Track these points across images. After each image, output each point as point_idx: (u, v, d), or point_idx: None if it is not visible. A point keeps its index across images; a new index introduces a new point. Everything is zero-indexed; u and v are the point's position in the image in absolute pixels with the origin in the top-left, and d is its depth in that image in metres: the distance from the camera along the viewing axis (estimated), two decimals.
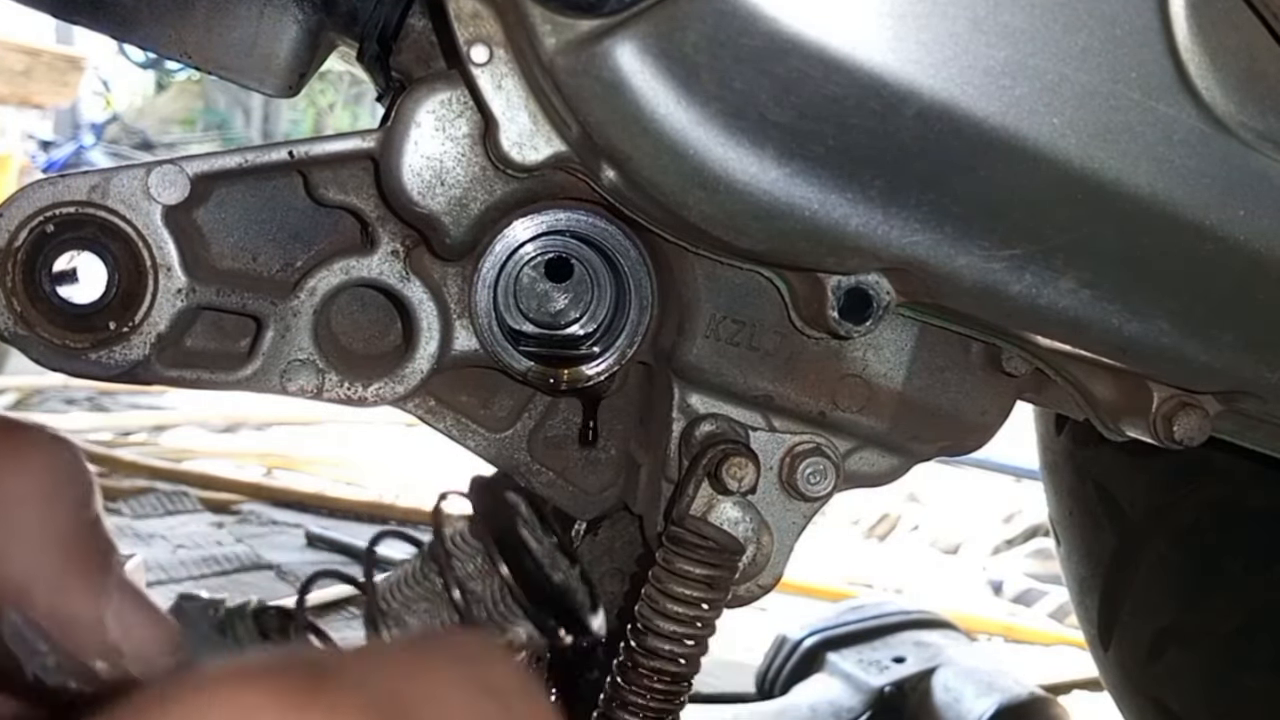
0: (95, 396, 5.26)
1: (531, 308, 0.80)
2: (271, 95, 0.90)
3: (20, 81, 5.86)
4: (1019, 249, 0.65)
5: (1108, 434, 0.84)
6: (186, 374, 0.75)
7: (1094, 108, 0.59)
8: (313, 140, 0.72)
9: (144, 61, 8.67)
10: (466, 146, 0.70)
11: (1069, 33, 0.58)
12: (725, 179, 0.61)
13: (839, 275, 0.69)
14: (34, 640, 0.41)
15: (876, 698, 2.53)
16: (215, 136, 12.44)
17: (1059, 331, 0.72)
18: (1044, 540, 4.66)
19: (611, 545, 0.93)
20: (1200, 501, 1.53)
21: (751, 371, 0.79)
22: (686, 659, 0.77)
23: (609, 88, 0.59)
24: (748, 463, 0.75)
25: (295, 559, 3.36)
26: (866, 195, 0.62)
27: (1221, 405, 0.79)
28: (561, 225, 0.76)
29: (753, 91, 0.58)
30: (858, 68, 0.57)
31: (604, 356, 0.79)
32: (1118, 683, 1.67)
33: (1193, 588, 1.55)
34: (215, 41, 0.86)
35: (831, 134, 0.59)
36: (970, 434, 0.84)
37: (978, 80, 0.58)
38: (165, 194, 0.71)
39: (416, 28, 0.76)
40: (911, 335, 0.81)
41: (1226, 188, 0.63)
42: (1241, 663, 1.52)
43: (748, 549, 0.78)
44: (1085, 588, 1.67)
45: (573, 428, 0.89)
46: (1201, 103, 0.60)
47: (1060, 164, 0.60)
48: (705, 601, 0.76)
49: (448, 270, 0.77)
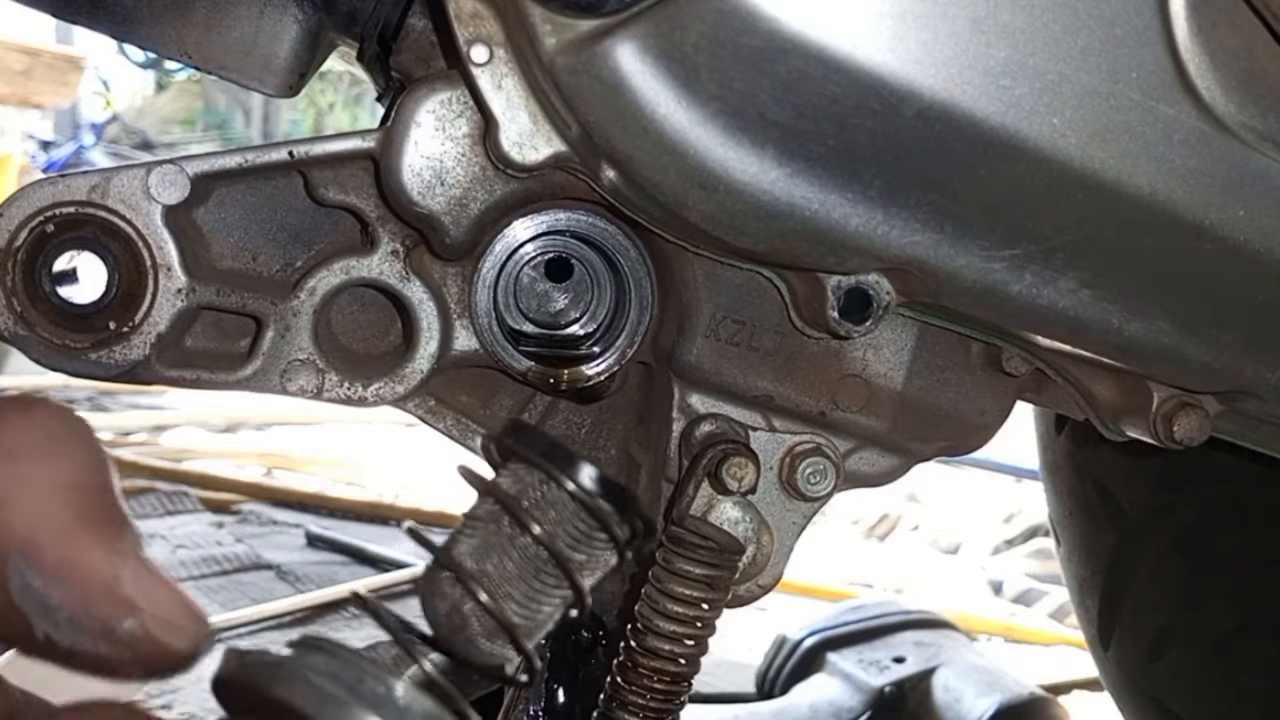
0: (95, 396, 5.26)
1: (531, 308, 0.80)
2: (271, 95, 0.90)
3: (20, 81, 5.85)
4: (1019, 249, 0.65)
5: (1108, 434, 0.84)
6: (186, 374, 0.75)
7: (1094, 108, 0.59)
8: (313, 140, 0.72)
9: (144, 61, 8.68)
10: (466, 146, 0.70)
11: (1069, 33, 0.58)
12: (725, 179, 0.61)
13: (839, 275, 0.69)
14: (44, 596, 0.38)
15: (876, 698, 2.53)
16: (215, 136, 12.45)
17: (1059, 331, 0.72)
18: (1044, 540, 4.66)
19: None
20: (1200, 501, 1.53)
21: (751, 371, 0.79)
22: (686, 659, 0.77)
23: (609, 88, 0.59)
24: (748, 463, 0.76)
25: (295, 559, 3.35)
26: (866, 195, 0.62)
27: (1221, 405, 0.79)
28: (561, 225, 0.76)
29: (753, 91, 0.58)
30: (858, 67, 0.57)
31: (604, 356, 0.79)
32: (1118, 683, 1.67)
33: (1193, 588, 1.55)
34: (215, 41, 0.86)
35: (831, 134, 0.59)
36: (970, 434, 0.84)
37: (978, 80, 0.58)
38: (165, 194, 0.71)
39: (416, 28, 0.76)
40: (911, 335, 0.81)
41: (1226, 188, 0.63)
42: (1241, 663, 1.52)
43: (748, 549, 0.78)
44: (1085, 588, 1.67)
45: (573, 428, 0.89)
46: (1201, 103, 0.60)
47: (1060, 164, 0.60)
48: (705, 601, 0.76)
49: (448, 270, 0.77)
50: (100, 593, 0.39)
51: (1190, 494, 1.53)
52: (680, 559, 0.76)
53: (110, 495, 0.41)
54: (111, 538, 0.40)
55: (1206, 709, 1.56)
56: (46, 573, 0.38)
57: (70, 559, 0.39)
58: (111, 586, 0.39)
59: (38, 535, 0.39)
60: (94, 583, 0.39)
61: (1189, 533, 1.54)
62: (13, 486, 0.39)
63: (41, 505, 0.39)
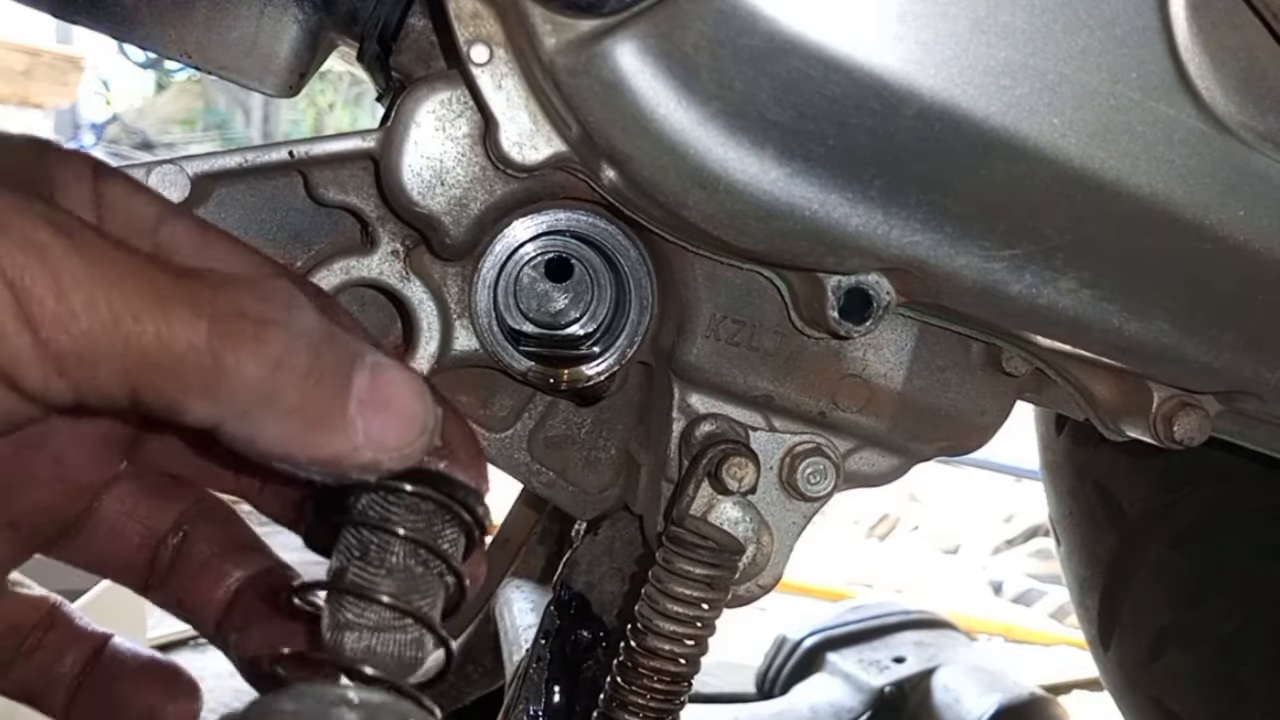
0: None
1: (531, 308, 0.80)
2: (271, 95, 0.90)
3: (20, 81, 5.86)
4: (1019, 249, 0.65)
5: (1108, 434, 0.84)
6: None
7: (1094, 108, 0.59)
8: (313, 140, 0.72)
9: (144, 61, 8.67)
10: (466, 146, 0.70)
11: (1069, 33, 0.58)
12: (725, 179, 0.61)
13: (839, 275, 0.69)
14: (316, 471, 0.47)
15: (876, 698, 2.53)
16: (215, 136, 12.44)
17: (1059, 331, 0.72)
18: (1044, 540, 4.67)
19: (611, 545, 0.93)
20: (1200, 501, 1.53)
21: (751, 371, 0.79)
22: (686, 659, 0.77)
23: (609, 88, 0.59)
24: (748, 463, 0.76)
25: (295, 559, 3.35)
26: (866, 195, 0.62)
27: (1221, 405, 0.79)
28: (561, 225, 0.76)
29: (753, 91, 0.58)
30: (858, 68, 0.57)
31: (604, 356, 0.79)
32: (1118, 683, 1.67)
33: (1193, 588, 1.56)
34: (215, 41, 0.86)
35: (831, 134, 0.59)
36: (970, 434, 0.84)
37: (978, 80, 0.58)
38: (166, 194, 0.71)
39: (416, 28, 0.76)
40: (911, 335, 0.81)
41: (1226, 188, 0.63)
42: (1241, 663, 1.52)
43: (748, 549, 0.78)
44: (1085, 588, 1.68)
45: (573, 428, 0.89)
46: (1201, 103, 0.60)
47: (1060, 164, 0.60)
48: (705, 601, 0.76)
49: (448, 270, 0.77)
50: (358, 461, 0.47)
51: (1190, 494, 1.54)
52: (680, 559, 0.76)
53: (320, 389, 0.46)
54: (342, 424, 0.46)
55: (1206, 709, 1.57)
56: (312, 464, 0.46)
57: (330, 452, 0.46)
58: (360, 456, 0.47)
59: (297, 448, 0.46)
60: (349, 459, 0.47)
61: (1189, 533, 1.54)
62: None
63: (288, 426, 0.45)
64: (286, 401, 0.45)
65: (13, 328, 0.40)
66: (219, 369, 0.43)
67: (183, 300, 0.42)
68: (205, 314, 0.43)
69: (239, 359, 0.43)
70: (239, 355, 0.43)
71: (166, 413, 0.44)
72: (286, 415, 0.45)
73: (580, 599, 0.93)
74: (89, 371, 0.42)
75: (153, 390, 0.43)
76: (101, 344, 0.41)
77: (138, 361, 0.42)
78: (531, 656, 0.94)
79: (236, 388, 0.43)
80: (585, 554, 0.92)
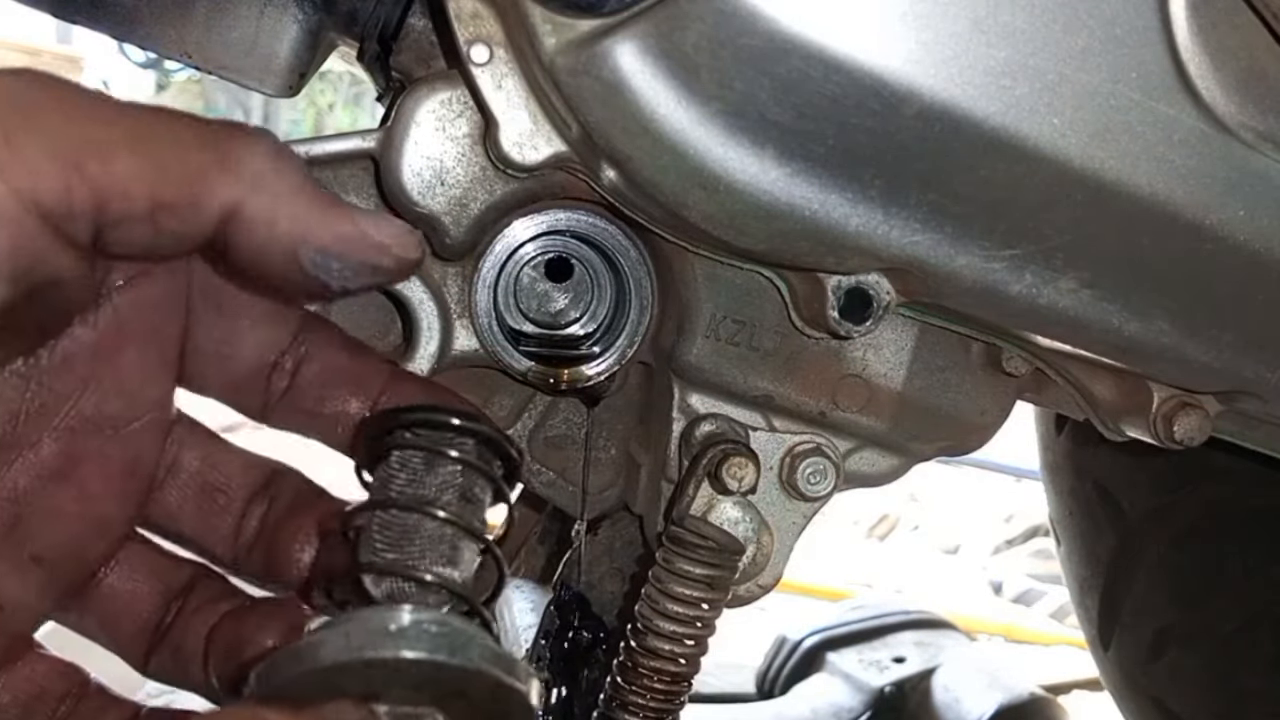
0: None
1: (531, 308, 0.80)
2: (271, 95, 0.90)
3: None
4: (1019, 249, 0.65)
5: (1108, 434, 0.84)
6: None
7: (1094, 108, 0.59)
8: (313, 140, 0.72)
9: (144, 61, 8.67)
10: (466, 146, 0.70)
11: (1069, 33, 0.58)
12: (725, 179, 0.61)
13: (839, 275, 0.69)
14: (328, 262, 0.54)
15: (876, 698, 2.53)
16: None
17: (1059, 331, 0.72)
18: (1044, 540, 4.67)
19: (611, 545, 0.93)
20: (1200, 501, 1.53)
21: (751, 371, 0.79)
22: (686, 659, 0.77)
23: (609, 88, 0.59)
24: (748, 463, 0.76)
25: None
26: (866, 195, 0.62)
27: (1222, 405, 0.79)
28: (561, 225, 0.76)
29: (753, 91, 0.58)
30: (858, 68, 0.57)
31: (604, 356, 0.79)
32: (1118, 683, 1.67)
33: (1193, 588, 1.56)
34: (215, 41, 0.86)
35: (831, 134, 0.59)
36: (970, 434, 0.84)
37: (978, 80, 0.58)
38: None
39: (416, 28, 0.76)
40: (911, 335, 0.81)
41: (1226, 188, 0.63)
42: (1241, 663, 1.52)
43: (748, 549, 0.78)
44: (1085, 588, 1.68)
45: (573, 428, 0.89)
46: (1201, 103, 0.60)
47: (1060, 164, 0.60)
48: (705, 601, 0.76)
49: (448, 270, 0.77)
50: (362, 246, 0.55)
51: (1190, 494, 1.54)
52: (680, 559, 0.76)
53: (316, 185, 0.54)
54: (344, 211, 0.54)
55: (1206, 709, 1.57)
56: (326, 249, 0.54)
57: (336, 233, 0.54)
58: (365, 240, 0.55)
59: (306, 231, 0.53)
60: (355, 243, 0.54)
61: (1189, 533, 1.54)
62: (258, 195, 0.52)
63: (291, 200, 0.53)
64: (292, 177, 0.52)
65: (26, 139, 0.45)
66: (227, 154, 0.51)
67: (187, 123, 0.51)
68: (208, 123, 0.51)
69: (246, 143, 0.52)
70: (245, 142, 0.52)
71: (189, 204, 0.50)
72: (295, 191, 0.52)
73: (580, 599, 0.93)
74: (107, 165, 0.47)
75: (172, 182, 0.49)
76: (119, 140, 0.47)
77: (152, 149, 0.48)
78: (531, 656, 0.94)
79: (246, 163, 0.51)
80: (585, 555, 0.92)
